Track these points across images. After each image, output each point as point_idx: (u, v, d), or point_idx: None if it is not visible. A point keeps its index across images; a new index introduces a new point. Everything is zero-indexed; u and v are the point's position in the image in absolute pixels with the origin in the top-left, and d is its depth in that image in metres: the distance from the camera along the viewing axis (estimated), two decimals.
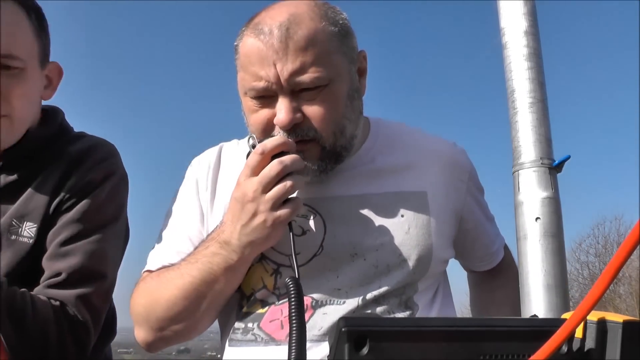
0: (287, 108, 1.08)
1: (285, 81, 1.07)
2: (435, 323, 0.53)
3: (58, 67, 1.34)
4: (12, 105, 1.20)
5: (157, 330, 1.17)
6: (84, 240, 1.23)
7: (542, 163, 1.27)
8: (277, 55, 1.07)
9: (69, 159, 1.29)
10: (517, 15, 1.37)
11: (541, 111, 1.55)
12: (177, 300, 1.12)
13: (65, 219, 1.24)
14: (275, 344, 1.12)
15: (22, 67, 1.20)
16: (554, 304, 1.99)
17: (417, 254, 1.17)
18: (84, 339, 1.19)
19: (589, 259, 23.45)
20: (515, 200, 1.21)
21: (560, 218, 1.27)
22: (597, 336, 0.55)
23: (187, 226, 1.26)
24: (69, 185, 1.26)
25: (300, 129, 1.10)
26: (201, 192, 1.28)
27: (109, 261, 1.26)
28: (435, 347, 0.49)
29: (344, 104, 1.14)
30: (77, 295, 1.18)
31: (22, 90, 1.21)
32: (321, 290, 1.15)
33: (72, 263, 1.20)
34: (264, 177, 1.04)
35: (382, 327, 0.49)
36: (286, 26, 1.07)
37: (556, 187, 2.28)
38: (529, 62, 1.41)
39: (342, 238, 1.16)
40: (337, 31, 1.12)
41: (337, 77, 1.11)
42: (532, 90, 1.37)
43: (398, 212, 1.19)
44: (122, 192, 1.35)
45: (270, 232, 1.06)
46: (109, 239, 1.27)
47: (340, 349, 0.47)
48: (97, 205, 1.26)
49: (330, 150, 1.14)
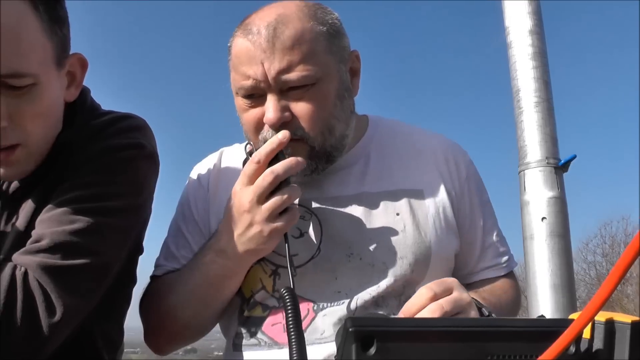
0: (275, 107, 1.09)
1: (272, 79, 1.08)
2: (443, 323, 0.53)
3: (80, 58, 1.12)
4: (27, 131, 1.00)
5: (163, 335, 1.23)
6: (84, 205, 1.03)
7: (548, 162, 1.26)
8: (265, 54, 1.08)
9: (89, 133, 1.11)
10: (521, 15, 1.36)
11: (547, 110, 1.54)
12: (179, 306, 1.16)
13: (68, 183, 1.05)
14: (279, 348, 1.13)
15: (32, 82, 0.97)
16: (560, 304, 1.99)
17: (414, 252, 1.16)
18: (42, 317, 0.95)
19: (595, 259, 23.35)
20: (521, 200, 1.21)
21: (566, 218, 1.26)
22: (605, 337, 0.55)
23: (189, 232, 1.28)
24: (83, 155, 1.08)
25: (288, 127, 1.11)
26: (199, 200, 1.29)
27: (105, 240, 1.04)
28: (443, 347, 0.49)
29: (333, 103, 1.14)
30: (47, 265, 0.97)
31: (36, 109, 1.00)
32: (321, 293, 1.15)
33: (58, 229, 1.00)
34: (258, 188, 1.05)
35: (390, 327, 0.49)
36: (273, 26, 1.09)
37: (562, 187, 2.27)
38: (534, 61, 1.40)
39: (338, 239, 1.17)
40: (326, 30, 1.13)
41: (325, 76, 1.12)
42: (538, 89, 1.36)
43: (393, 210, 1.19)
44: (145, 170, 1.14)
45: (266, 242, 1.07)
46: (114, 216, 1.05)
47: (347, 349, 0.47)
48: (109, 175, 1.07)
49: (320, 150, 1.14)
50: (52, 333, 0.95)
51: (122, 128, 1.13)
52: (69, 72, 1.10)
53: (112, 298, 1.14)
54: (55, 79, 1.04)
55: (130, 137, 1.13)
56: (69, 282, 0.97)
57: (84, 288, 1.00)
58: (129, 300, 1.27)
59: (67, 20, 1.06)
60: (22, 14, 0.95)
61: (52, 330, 0.95)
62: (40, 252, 0.98)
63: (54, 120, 1.08)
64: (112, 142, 1.10)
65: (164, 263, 1.26)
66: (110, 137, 1.11)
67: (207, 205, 1.27)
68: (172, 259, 1.26)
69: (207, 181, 1.31)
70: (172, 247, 1.28)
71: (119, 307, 1.25)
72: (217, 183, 1.29)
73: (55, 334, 0.96)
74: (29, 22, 0.97)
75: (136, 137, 1.13)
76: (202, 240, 1.23)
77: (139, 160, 1.12)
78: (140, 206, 1.14)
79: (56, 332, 0.96)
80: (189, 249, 1.25)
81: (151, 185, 1.17)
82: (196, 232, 1.27)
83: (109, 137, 1.11)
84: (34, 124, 1.01)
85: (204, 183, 1.31)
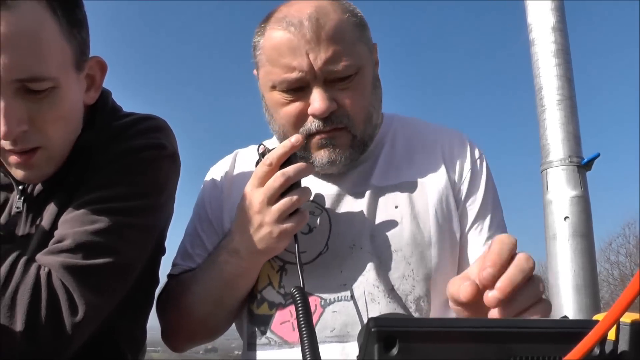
0: (323, 96, 1.10)
1: (319, 70, 1.09)
2: (465, 324, 0.53)
3: (99, 61, 1.13)
4: (47, 134, 1.01)
5: (180, 333, 1.25)
6: (105, 205, 1.04)
7: (571, 161, 1.24)
8: (310, 45, 1.08)
9: (110, 134, 1.12)
10: (544, 11, 1.34)
11: (569, 108, 1.52)
12: (194, 305, 1.17)
13: (90, 184, 1.07)
14: (289, 347, 1.14)
15: (52, 86, 0.98)
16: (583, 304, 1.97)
17: (409, 244, 1.15)
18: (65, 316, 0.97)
19: (619, 259, 22.99)
20: (543, 199, 1.19)
21: (589, 217, 1.24)
22: (631, 338, 0.54)
23: (203, 232, 1.30)
24: (104, 157, 1.09)
25: (334, 117, 1.13)
26: (214, 200, 1.31)
27: (127, 239, 1.05)
28: (465, 348, 0.49)
29: (370, 92, 1.17)
30: (69, 265, 0.98)
31: (56, 112, 1.01)
32: (328, 287, 1.15)
33: (80, 229, 1.01)
34: (268, 189, 1.06)
35: (412, 327, 0.49)
36: (315, 17, 1.09)
37: (585, 186, 2.24)
38: (557, 58, 1.38)
39: (344, 234, 1.17)
40: (359, 22, 1.16)
41: (363, 66, 1.14)
42: (560, 87, 1.34)
43: (393, 203, 1.19)
44: (166, 170, 1.15)
45: (277, 242, 1.08)
46: (135, 215, 1.07)
47: (369, 349, 0.47)
48: (130, 175, 1.08)
49: (360, 138, 1.17)
50: (75, 332, 0.96)
51: (142, 129, 1.14)
52: (88, 75, 1.10)
53: (135, 298, 1.16)
54: (75, 82, 1.05)
55: (151, 137, 1.13)
56: (91, 281, 0.99)
57: (106, 287, 1.02)
58: (151, 301, 1.28)
59: (85, 24, 1.07)
60: (41, 19, 0.96)
61: (74, 329, 0.96)
62: (63, 252, 0.99)
63: (74, 123, 1.09)
64: (133, 142, 1.11)
65: (180, 262, 1.28)
66: (131, 138, 1.11)
67: (221, 205, 1.29)
68: (187, 258, 1.28)
69: (221, 182, 1.33)
70: (188, 246, 1.30)
71: (142, 307, 1.26)
72: (231, 184, 1.31)
73: (77, 333, 0.97)
74: (48, 26, 0.97)
75: (157, 138, 1.14)
76: (216, 240, 1.24)
77: (160, 160, 1.13)
78: (161, 206, 1.15)
79: (79, 331, 0.97)
80: (203, 248, 1.27)
81: (172, 185, 1.18)
82: (211, 231, 1.29)
83: (129, 138, 1.12)
84: (54, 127, 1.02)
85: (218, 184, 1.33)
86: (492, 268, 0.76)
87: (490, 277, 0.75)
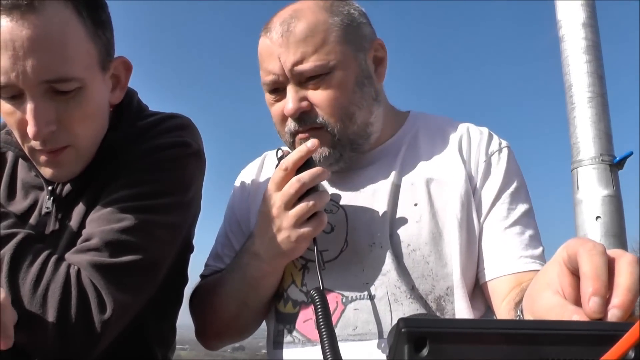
0: (293, 97, 1.15)
1: (288, 72, 1.14)
2: (496, 325, 0.52)
3: (124, 62, 1.15)
4: (75, 133, 1.04)
5: (210, 333, 1.29)
6: (131, 204, 1.05)
7: (602, 160, 1.22)
8: (280, 48, 1.14)
9: (135, 133, 1.14)
10: (574, 7, 1.32)
11: (601, 106, 1.49)
12: (222, 306, 1.21)
13: (116, 182, 1.09)
14: (312, 345, 1.14)
15: (79, 86, 1.01)
16: None
17: (427, 243, 1.14)
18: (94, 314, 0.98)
19: None
20: (574, 198, 1.17)
21: (622, 217, 1.21)
22: None
23: (232, 233, 1.34)
24: (130, 155, 1.11)
25: (308, 117, 1.16)
26: (242, 201, 1.35)
27: (153, 237, 1.06)
28: (496, 349, 0.49)
29: (352, 91, 1.17)
30: (97, 263, 0.99)
31: (83, 112, 1.04)
32: (349, 285, 1.15)
33: (106, 228, 1.03)
34: (284, 195, 1.08)
35: (442, 328, 0.49)
36: (287, 22, 1.15)
37: (617, 185, 2.20)
38: (588, 55, 1.36)
39: (362, 230, 1.18)
40: (340, 21, 1.18)
41: (340, 65, 1.15)
42: (591, 84, 1.31)
43: (412, 201, 1.18)
44: (192, 168, 1.16)
45: (295, 246, 1.10)
46: (161, 213, 1.08)
47: (399, 350, 0.47)
48: (156, 173, 1.10)
49: (341, 137, 1.17)
50: (104, 329, 0.98)
51: (167, 127, 1.17)
52: (113, 75, 1.13)
53: (164, 296, 1.18)
54: (101, 82, 1.08)
55: (176, 135, 1.15)
56: (118, 279, 1.00)
57: (133, 284, 1.03)
58: (180, 299, 1.30)
59: (110, 24, 1.10)
60: (66, 20, 0.99)
61: (103, 326, 0.98)
62: (91, 251, 1.01)
63: (101, 122, 1.11)
64: (158, 141, 1.13)
65: (211, 263, 1.33)
66: (156, 137, 1.14)
67: (249, 207, 1.32)
68: (217, 259, 1.33)
69: (249, 184, 1.37)
70: (219, 247, 1.35)
71: (171, 305, 1.28)
72: (257, 185, 1.35)
73: (106, 331, 0.99)
74: (74, 28, 1.00)
75: (182, 136, 1.16)
76: (243, 241, 1.26)
77: (186, 158, 1.15)
78: (187, 203, 1.16)
79: (108, 328, 0.99)
80: (232, 249, 1.31)
81: (198, 182, 1.19)
82: (239, 232, 1.32)
83: (155, 136, 1.14)
84: (81, 126, 1.05)
85: (246, 186, 1.37)
86: (598, 297, 0.59)
87: (598, 307, 0.58)
